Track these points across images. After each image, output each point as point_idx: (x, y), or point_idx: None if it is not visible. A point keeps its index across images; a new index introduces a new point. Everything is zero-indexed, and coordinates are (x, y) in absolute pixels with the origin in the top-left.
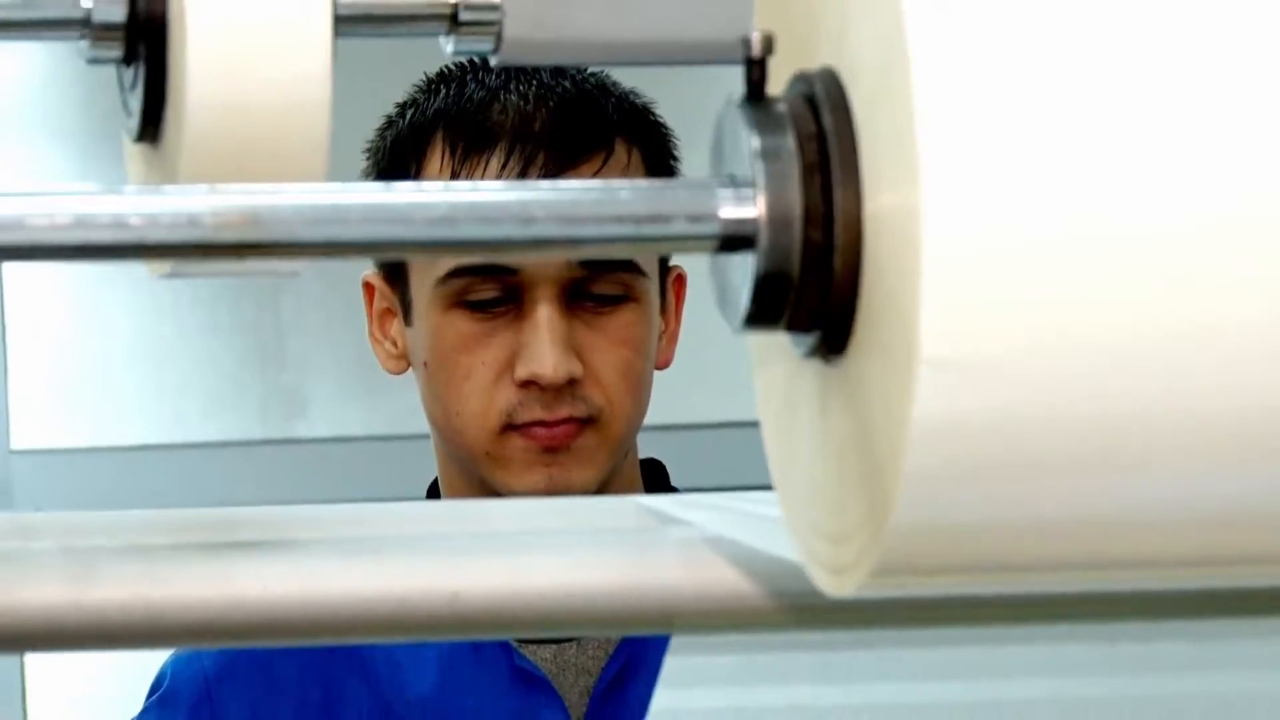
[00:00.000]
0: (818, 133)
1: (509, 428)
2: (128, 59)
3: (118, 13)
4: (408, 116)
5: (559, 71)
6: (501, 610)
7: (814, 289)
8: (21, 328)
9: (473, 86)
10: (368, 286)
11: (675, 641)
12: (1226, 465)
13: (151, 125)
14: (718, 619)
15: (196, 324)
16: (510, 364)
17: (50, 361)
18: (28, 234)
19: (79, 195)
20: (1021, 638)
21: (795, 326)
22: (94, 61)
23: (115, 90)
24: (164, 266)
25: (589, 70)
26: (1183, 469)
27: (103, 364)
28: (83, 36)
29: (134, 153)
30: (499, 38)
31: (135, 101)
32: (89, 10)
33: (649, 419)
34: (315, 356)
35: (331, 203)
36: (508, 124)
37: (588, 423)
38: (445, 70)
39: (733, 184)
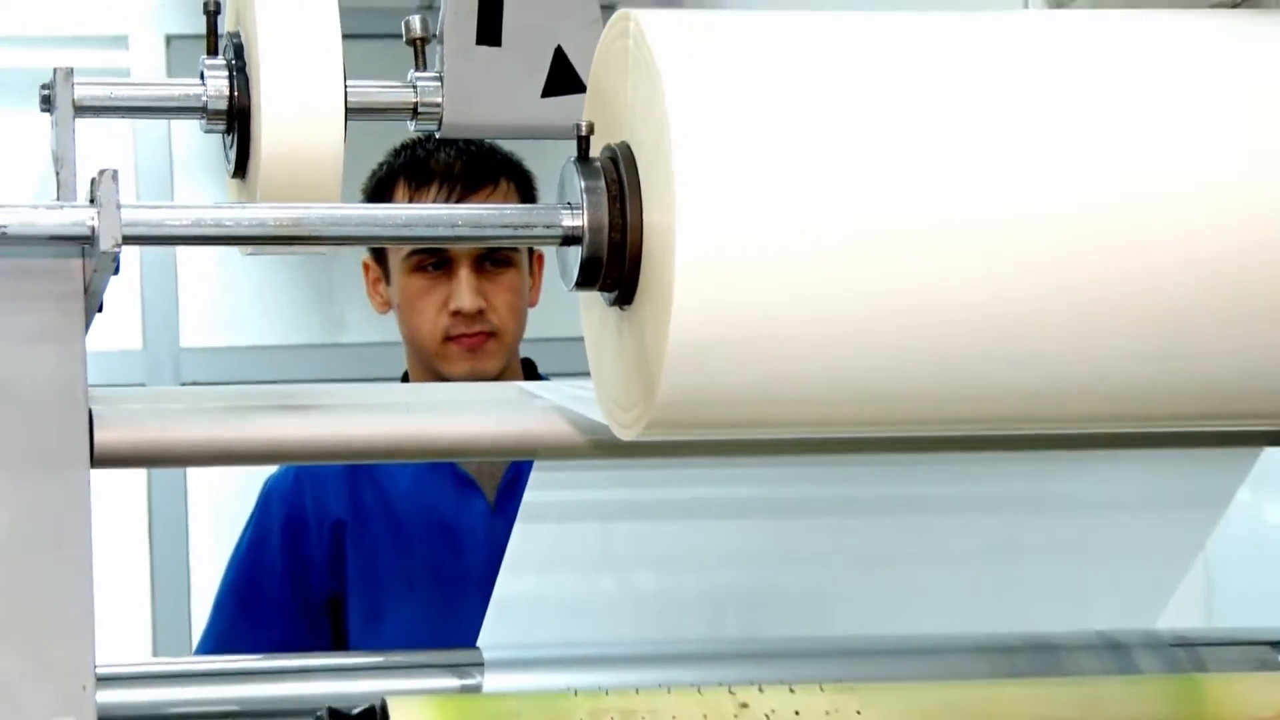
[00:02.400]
0: (618, 179)
1: (447, 339)
2: (229, 130)
3: (222, 104)
4: (383, 169)
5: (469, 140)
6: (446, 442)
7: (615, 268)
8: (189, 274)
9: (419, 150)
10: (366, 265)
11: (536, 464)
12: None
13: (241, 169)
14: (559, 451)
15: (286, 276)
16: (446, 303)
17: (205, 294)
18: (167, 230)
19: (197, 208)
20: (755, 463)
21: (604, 288)
22: (208, 131)
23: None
24: (247, 249)
25: (488, 140)
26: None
27: (233, 296)
28: (202, 117)
29: (231, 184)
30: (440, 122)
31: (232, 155)
32: (205, 102)
33: (533, 334)
34: (352, 295)
35: (342, 214)
36: (439, 170)
37: (491, 335)
38: (404, 142)
39: (569, 208)
